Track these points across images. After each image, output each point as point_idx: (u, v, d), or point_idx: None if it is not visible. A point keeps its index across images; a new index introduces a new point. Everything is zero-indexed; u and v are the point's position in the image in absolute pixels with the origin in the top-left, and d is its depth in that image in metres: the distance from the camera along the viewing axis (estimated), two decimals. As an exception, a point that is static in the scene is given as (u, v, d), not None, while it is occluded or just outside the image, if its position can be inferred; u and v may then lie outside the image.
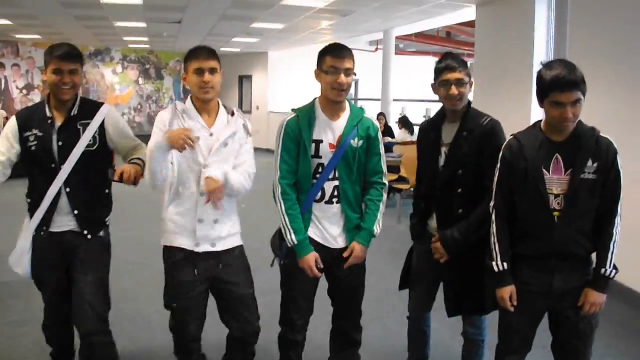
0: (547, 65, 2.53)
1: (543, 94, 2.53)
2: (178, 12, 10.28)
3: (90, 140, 3.12)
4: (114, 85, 18.47)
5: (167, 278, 3.10)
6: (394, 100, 12.89)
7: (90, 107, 3.20)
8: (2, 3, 9.51)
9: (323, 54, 2.98)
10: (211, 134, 2.99)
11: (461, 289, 3.09)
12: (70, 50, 3.06)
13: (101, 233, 3.25)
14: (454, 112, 3.03)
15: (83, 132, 3.11)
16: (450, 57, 3.00)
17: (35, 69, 17.00)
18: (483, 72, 8.24)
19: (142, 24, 11.89)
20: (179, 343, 3.22)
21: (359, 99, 17.01)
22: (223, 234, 3.05)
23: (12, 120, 3.15)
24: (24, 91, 16.91)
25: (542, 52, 6.78)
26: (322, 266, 3.06)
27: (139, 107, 19.13)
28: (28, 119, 3.12)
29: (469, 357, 3.29)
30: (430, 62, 2.86)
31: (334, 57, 2.93)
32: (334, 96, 2.97)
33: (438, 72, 3.00)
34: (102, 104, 3.28)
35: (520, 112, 6.44)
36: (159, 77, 19.58)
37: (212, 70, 2.94)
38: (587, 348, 2.69)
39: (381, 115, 11.90)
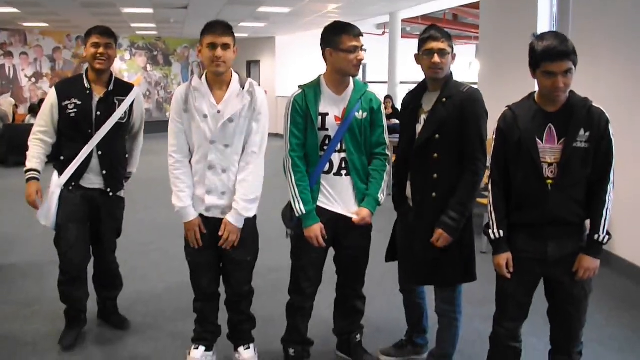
0: (539, 37, 2.58)
1: (535, 65, 2.58)
2: (184, -3, 10.34)
3: (122, 114, 3.66)
4: (122, 72, 18.52)
5: (185, 235, 3.27)
6: (401, 82, 12.89)
7: (124, 86, 3.78)
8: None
9: (338, 33, 3.08)
10: (218, 111, 3.11)
11: (421, 259, 3.14)
12: (107, 29, 3.62)
13: (121, 193, 3.81)
14: (435, 81, 3.10)
15: (118, 106, 3.64)
16: (434, 28, 3.08)
17: (43, 57, 17.11)
18: (488, 53, 8.27)
19: (149, 10, 11.94)
20: (196, 292, 3.43)
21: (367, 82, 17.00)
22: (231, 204, 3.19)
23: (52, 92, 3.62)
24: (33, 79, 17.00)
25: (545, 30, 6.79)
26: (326, 237, 3.16)
27: (147, 93, 19.21)
28: (67, 89, 3.62)
29: (441, 334, 3.32)
30: None
31: (352, 37, 3.06)
32: (355, 71, 3.13)
33: (422, 42, 3.07)
34: (132, 85, 3.85)
35: (525, 92, 6.44)
36: (167, 64, 19.65)
37: (225, 46, 3.05)
38: (581, 314, 2.75)
39: (388, 98, 11.92)
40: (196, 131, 3.13)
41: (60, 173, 3.57)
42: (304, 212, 3.10)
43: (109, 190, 3.66)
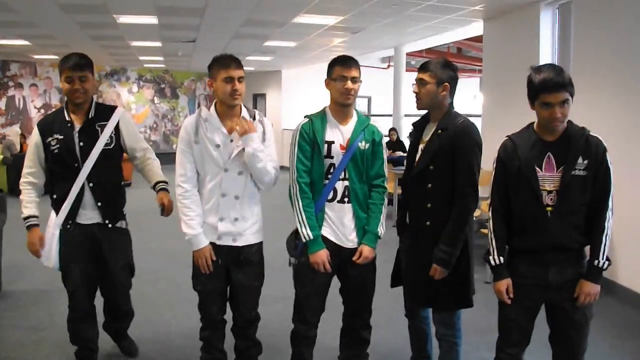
0: (537, 69, 2.68)
1: (533, 96, 2.68)
2: (192, 31, 10.51)
3: (107, 140, 3.50)
4: (130, 104, 18.72)
5: (194, 264, 3.32)
6: (406, 115, 13.00)
7: (106, 110, 3.58)
8: (20, 24, 9.80)
9: (332, 64, 3.24)
10: (231, 140, 3.21)
11: (419, 283, 3.22)
12: (79, 60, 3.40)
13: (122, 224, 3.63)
14: (435, 113, 3.22)
15: (101, 132, 3.48)
16: (426, 62, 3.25)
17: (53, 88, 17.31)
18: (492, 85, 8.39)
19: (158, 44, 12.14)
20: (204, 320, 3.44)
21: (372, 115, 17.15)
22: (243, 230, 3.28)
23: (35, 131, 3.48)
24: (42, 110, 17.18)
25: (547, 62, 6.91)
26: (331, 265, 3.21)
27: (154, 125, 19.40)
28: (49, 125, 3.48)
29: (442, 359, 3.38)
30: None
31: (342, 67, 3.19)
32: (344, 100, 3.20)
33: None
34: (116, 107, 3.66)
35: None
36: (174, 96, 19.86)
37: (241, 79, 3.17)
38: (582, 338, 2.80)
39: (393, 130, 12.07)
40: (208, 160, 3.21)
41: (57, 212, 3.49)
42: (311, 237, 3.17)
43: (107, 222, 3.52)
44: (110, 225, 3.54)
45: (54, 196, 3.51)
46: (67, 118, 3.47)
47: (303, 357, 3.45)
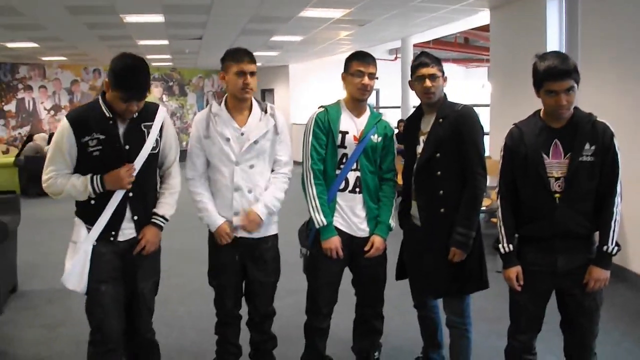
0: (541, 57, 2.68)
1: (538, 84, 2.69)
2: (199, 29, 10.53)
3: (154, 143, 3.05)
4: (139, 103, 18.77)
5: (210, 259, 3.37)
6: (414, 107, 12.94)
7: (150, 108, 3.08)
8: (28, 27, 9.85)
9: (350, 59, 3.29)
10: (242, 134, 3.22)
11: (431, 272, 3.24)
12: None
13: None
14: (430, 105, 3.24)
15: (147, 134, 3.03)
16: (424, 55, 3.23)
17: (62, 90, 17.39)
18: (499, 74, 8.37)
19: (165, 42, 12.17)
20: (220, 315, 3.46)
21: (381, 107, 17.16)
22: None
23: (65, 126, 2.88)
24: (52, 112, 17.29)
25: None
26: (344, 254, 3.26)
27: (164, 123, 19.42)
28: (84, 120, 2.89)
29: (454, 347, 3.39)
30: (450, 69, 3.01)
31: (360, 62, 3.25)
32: (359, 95, 3.26)
33: (413, 69, 3.23)
34: (158, 105, 3.15)
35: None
36: (182, 94, 19.91)
37: (252, 74, 3.19)
38: (593, 325, 2.81)
39: (401, 122, 12.05)
40: (219, 154, 3.23)
41: (88, 223, 2.94)
42: (325, 223, 3.21)
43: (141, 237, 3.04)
44: None
45: (92, 202, 2.93)
46: (107, 114, 2.91)
47: (317, 348, 3.49)
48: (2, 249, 4.92)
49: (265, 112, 3.31)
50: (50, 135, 13.85)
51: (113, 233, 2.96)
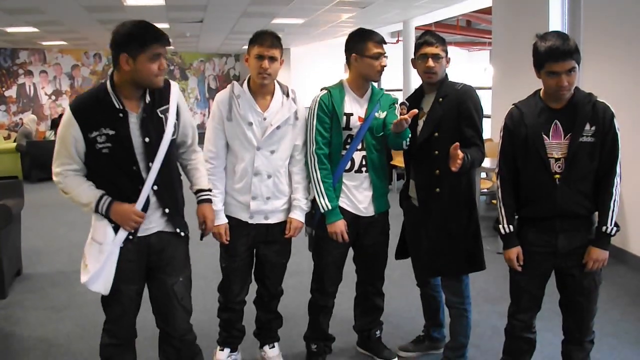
0: (542, 37, 2.67)
1: (539, 65, 2.67)
2: (199, 12, 10.50)
3: (172, 129, 2.73)
4: (140, 87, 18.75)
5: (221, 243, 3.34)
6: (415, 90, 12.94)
7: (161, 89, 2.72)
8: (27, 11, 9.83)
9: (364, 39, 3.23)
10: (264, 118, 3.20)
11: (429, 252, 3.27)
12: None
13: (188, 230, 2.91)
14: (431, 84, 3.24)
15: (166, 120, 2.70)
16: (428, 34, 3.23)
17: (62, 74, 17.40)
18: (501, 58, 8.33)
19: (166, 25, 12.11)
20: (223, 301, 3.46)
21: (382, 90, 17.10)
22: (275, 208, 3.29)
23: (69, 119, 2.58)
24: (53, 97, 17.31)
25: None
26: (348, 234, 3.28)
27: (165, 107, 19.41)
28: (90, 113, 2.58)
29: (453, 326, 3.41)
30: (452, 52, 2.98)
31: (377, 44, 3.21)
32: (377, 77, 3.27)
33: (417, 47, 3.22)
34: (168, 81, 2.77)
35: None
36: (183, 78, 19.89)
37: (272, 59, 3.11)
38: (591, 304, 2.84)
39: (403, 105, 12.02)
40: (240, 138, 3.19)
41: (114, 222, 2.65)
42: (330, 207, 3.22)
43: (178, 230, 2.81)
44: (183, 234, 2.84)
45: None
46: (116, 105, 2.58)
47: (320, 325, 3.54)
48: (6, 232, 4.95)
49: (287, 96, 3.26)
50: (52, 122, 13.92)
51: (132, 234, 2.70)
